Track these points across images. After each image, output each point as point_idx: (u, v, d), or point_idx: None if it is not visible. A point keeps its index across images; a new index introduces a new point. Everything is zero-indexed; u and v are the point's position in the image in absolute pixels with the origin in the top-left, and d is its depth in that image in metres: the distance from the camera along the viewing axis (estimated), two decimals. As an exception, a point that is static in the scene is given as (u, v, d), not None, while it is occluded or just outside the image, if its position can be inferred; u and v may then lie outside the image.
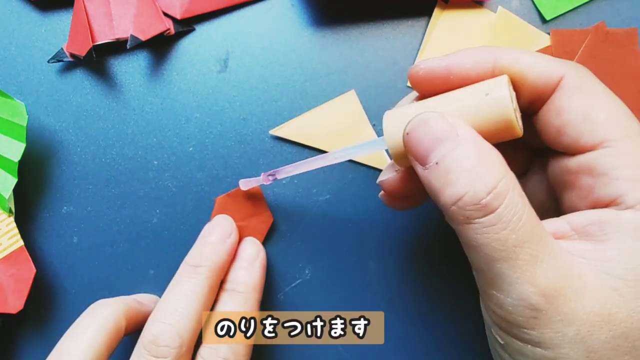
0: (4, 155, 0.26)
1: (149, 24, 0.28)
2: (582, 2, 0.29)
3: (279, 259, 0.28)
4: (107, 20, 0.28)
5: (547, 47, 0.29)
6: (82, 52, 0.27)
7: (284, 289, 0.28)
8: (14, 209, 0.26)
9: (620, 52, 0.28)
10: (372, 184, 0.28)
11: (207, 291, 0.23)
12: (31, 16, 0.29)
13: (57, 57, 0.28)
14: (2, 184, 0.26)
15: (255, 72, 0.29)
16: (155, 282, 0.27)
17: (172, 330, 0.21)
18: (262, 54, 0.29)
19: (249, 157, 0.28)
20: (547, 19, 0.29)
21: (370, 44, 0.29)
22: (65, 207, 0.28)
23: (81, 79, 0.29)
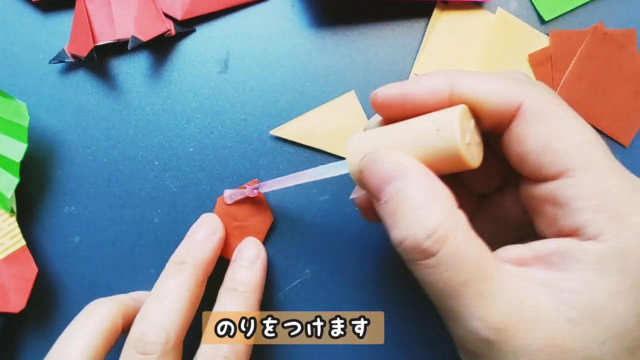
0: (6, 155, 0.26)
1: (149, 25, 0.28)
2: (580, 3, 0.29)
3: (279, 259, 0.28)
4: (108, 21, 0.28)
5: (546, 47, 0.29)
6: (83, 52, 0.27)
7: (284, 289, 0.28)
8: (15, 209, 0.26)
9: (618, 53, 0.28)
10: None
11: (193, 287, 0.23)
12: (33, 17, 0.29)
13: (59, 58, 0.28)
14: (4, 184, 0.26)
15: (255, 72, 0.29)
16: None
17: (158, 326, 0.21)
18: (263, 54, 0.29)
19: (250, 157, 0.28)
20: (546, 19, 0.29)
21: (370, 45, 0.29)
22: (66, 207, 0.28)
23: (82, 80, 0.29)
